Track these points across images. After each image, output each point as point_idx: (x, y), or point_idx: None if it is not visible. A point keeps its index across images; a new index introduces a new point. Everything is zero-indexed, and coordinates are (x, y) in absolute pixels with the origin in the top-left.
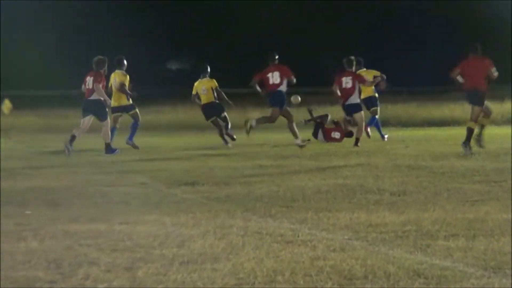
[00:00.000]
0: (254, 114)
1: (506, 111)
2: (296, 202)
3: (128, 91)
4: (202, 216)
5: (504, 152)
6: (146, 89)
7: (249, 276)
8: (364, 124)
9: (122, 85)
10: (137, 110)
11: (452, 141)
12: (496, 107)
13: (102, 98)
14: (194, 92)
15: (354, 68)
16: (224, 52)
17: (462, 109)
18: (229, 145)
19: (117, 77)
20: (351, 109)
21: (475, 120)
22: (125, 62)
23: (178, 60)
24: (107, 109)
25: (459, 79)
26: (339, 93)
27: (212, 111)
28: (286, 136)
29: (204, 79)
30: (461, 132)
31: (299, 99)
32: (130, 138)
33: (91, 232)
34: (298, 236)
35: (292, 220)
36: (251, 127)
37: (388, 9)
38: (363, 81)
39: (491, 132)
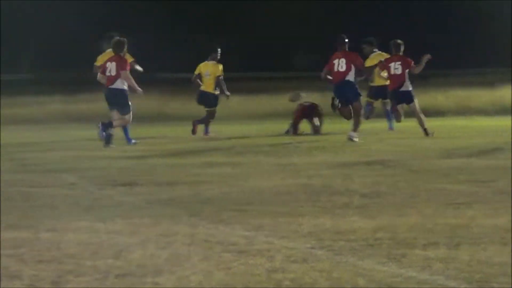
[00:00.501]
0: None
1: (497, 99)
2: (251, 206)
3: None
4: (142, 222)
5: (493, 147)
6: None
7: None
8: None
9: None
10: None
11: (434, 134)
12: (485, 94)
13: (125, 88)
14: (196, 72)
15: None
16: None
17: (445, 97)
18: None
19: None
20: (403, 98)
21: None
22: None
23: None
24: (129, 102)
25: None
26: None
27: (204, 101)
28: (241, 128)
29: (211, 62)
30: (445, 123)
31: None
32: (128, 138)
33: (11, 241)
34: (253, 245)
35: (247, 226)
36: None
37: None
38: (410, 67)
39: (480, 123)
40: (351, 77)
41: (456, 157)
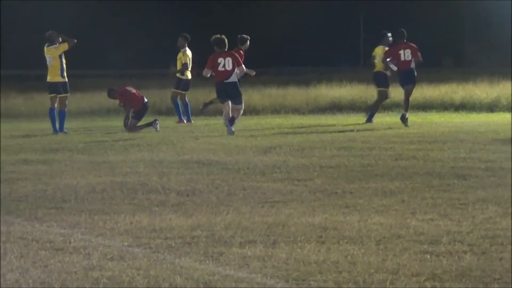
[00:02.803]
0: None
1: (312, 98)
2: (67, 203)
3: None
4: None
5: (308, 146)
6: None
7: None
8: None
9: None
10: (68, 94)
11: (248, 132)
12: (300, 93)
13: (237, 80)
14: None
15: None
16: None
17: (260, 95)
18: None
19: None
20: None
21: None
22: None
23: None
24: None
25: None
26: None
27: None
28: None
29: None
30: (260, 122)
31: None
32: (61, 128)
33: None
34: (70, 243)
35: (63, 224)
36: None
37: None
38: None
39: (296, 122)
40: (413, 65)
41: (272, 156)
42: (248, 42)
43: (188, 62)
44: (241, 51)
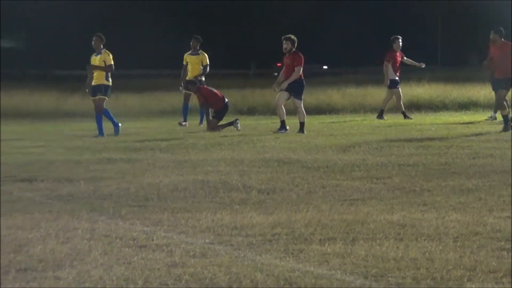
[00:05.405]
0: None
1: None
2: (150, 201)
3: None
4: (42, 217)
5: (387, 144)
6: None
7: (97, 285)
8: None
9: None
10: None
11: (328, 131)
12: (379, 92)
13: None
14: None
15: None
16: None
17: (340, 95)
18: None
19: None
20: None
21: None
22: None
23: None
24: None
25: None
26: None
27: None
28: (138, 125)
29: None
30: (340, 120)
31: None
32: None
33: None
34: (153, 240)
35: (146, 221)
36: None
37: None
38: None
39: (374, 120)
40: None
41: (351, 154)
42: (400, 41)
43: (208, 64)
44: (395, 51)
